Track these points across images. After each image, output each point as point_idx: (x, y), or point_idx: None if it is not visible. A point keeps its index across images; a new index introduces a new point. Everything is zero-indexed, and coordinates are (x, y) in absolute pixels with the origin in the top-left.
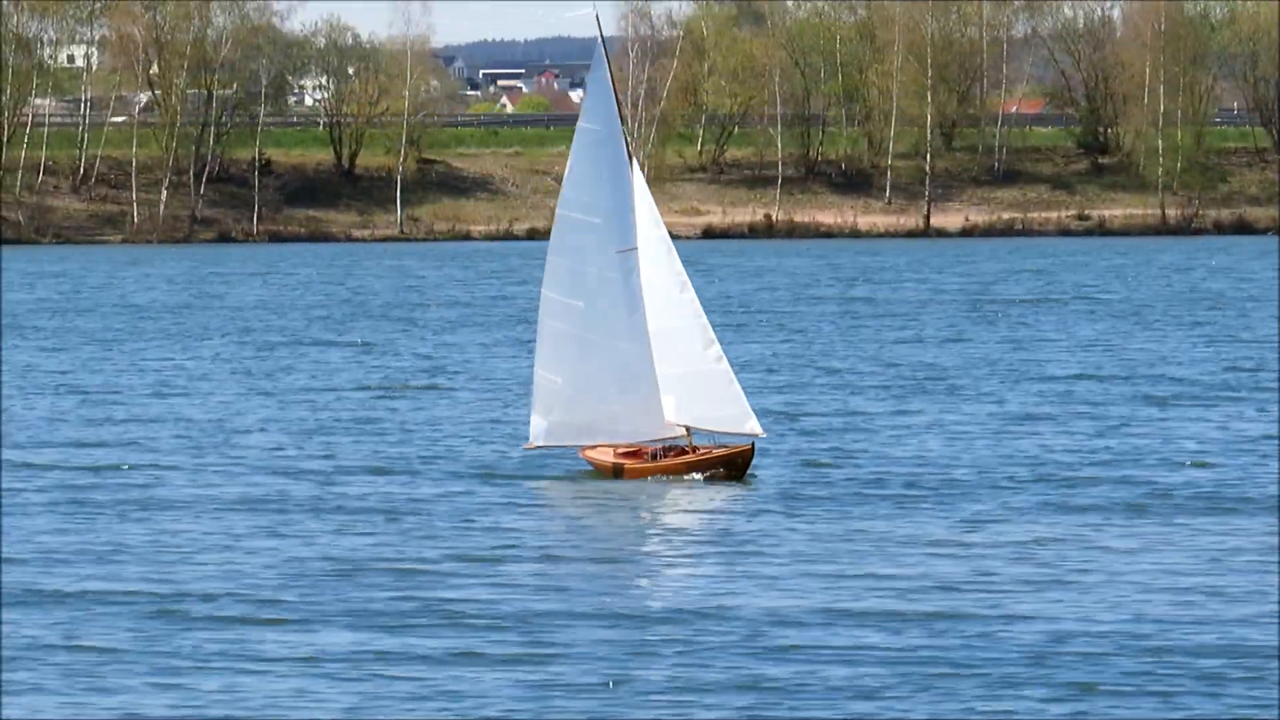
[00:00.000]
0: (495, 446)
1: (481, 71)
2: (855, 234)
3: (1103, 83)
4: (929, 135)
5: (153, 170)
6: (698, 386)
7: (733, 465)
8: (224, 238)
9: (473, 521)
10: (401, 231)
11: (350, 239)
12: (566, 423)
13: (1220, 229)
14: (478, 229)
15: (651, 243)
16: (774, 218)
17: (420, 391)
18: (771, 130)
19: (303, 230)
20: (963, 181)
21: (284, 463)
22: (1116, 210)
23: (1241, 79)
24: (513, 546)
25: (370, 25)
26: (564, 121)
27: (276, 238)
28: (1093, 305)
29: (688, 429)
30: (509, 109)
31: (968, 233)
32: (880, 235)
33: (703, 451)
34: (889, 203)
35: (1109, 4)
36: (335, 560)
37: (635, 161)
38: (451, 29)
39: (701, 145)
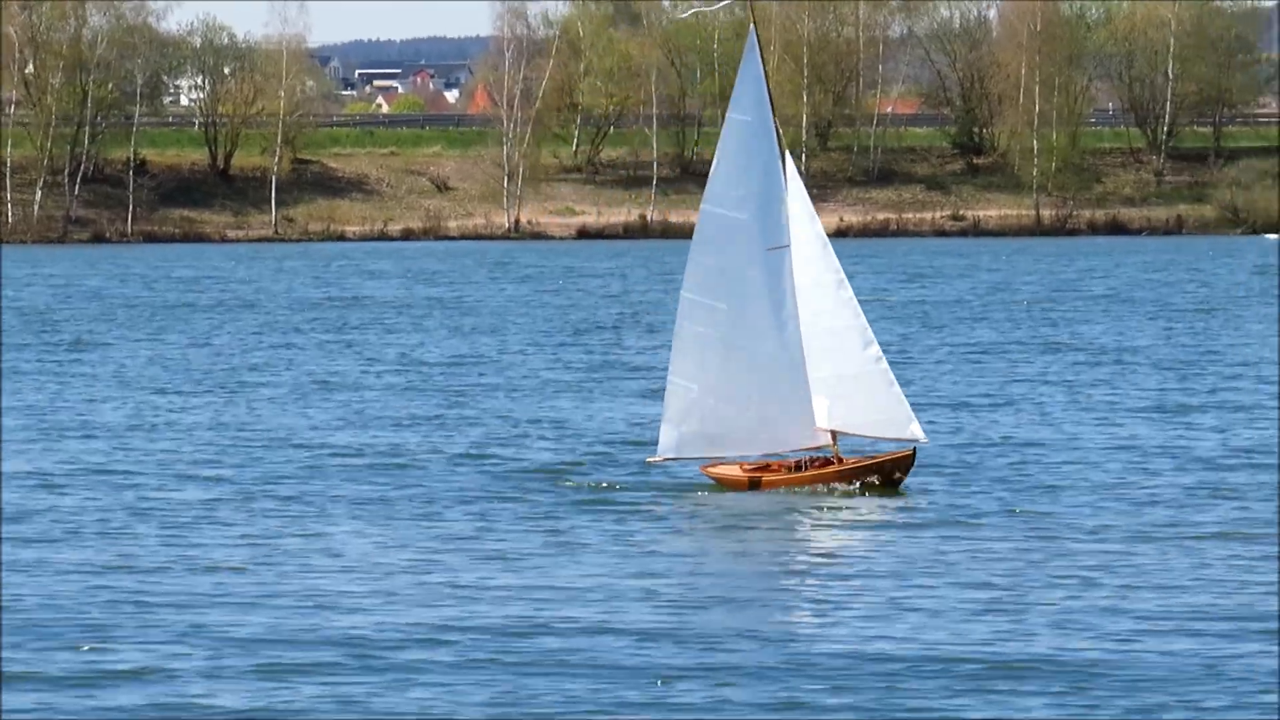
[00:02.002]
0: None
1: (357, 71)
2: None
3: (978, 83)
4: (804, 135)
5: (27, 170)
6: (855, 389)
7: (892, 472)
8: (98, 238)
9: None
10: (276, 232)
11: (225, 240)
12: (700, 433)
13: (1094, 229)
14: (352, 229)
15: (806, 240)
16: (649, 218)
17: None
18: (647, 130)
19: (177, 231)
20: (838, 182)
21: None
22: (991, 211)
23: (1117, 79)
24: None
25: (246, 25)
26: (439, 121)
27: (151, 238)
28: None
29: (834, 435)
30: (384, 109)
31: (842, 233)
32: None
33: (851, 462)
34: None
35: (985, 4)
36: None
37: (789, 156)
38: (327, 29)
39: (577, 145)
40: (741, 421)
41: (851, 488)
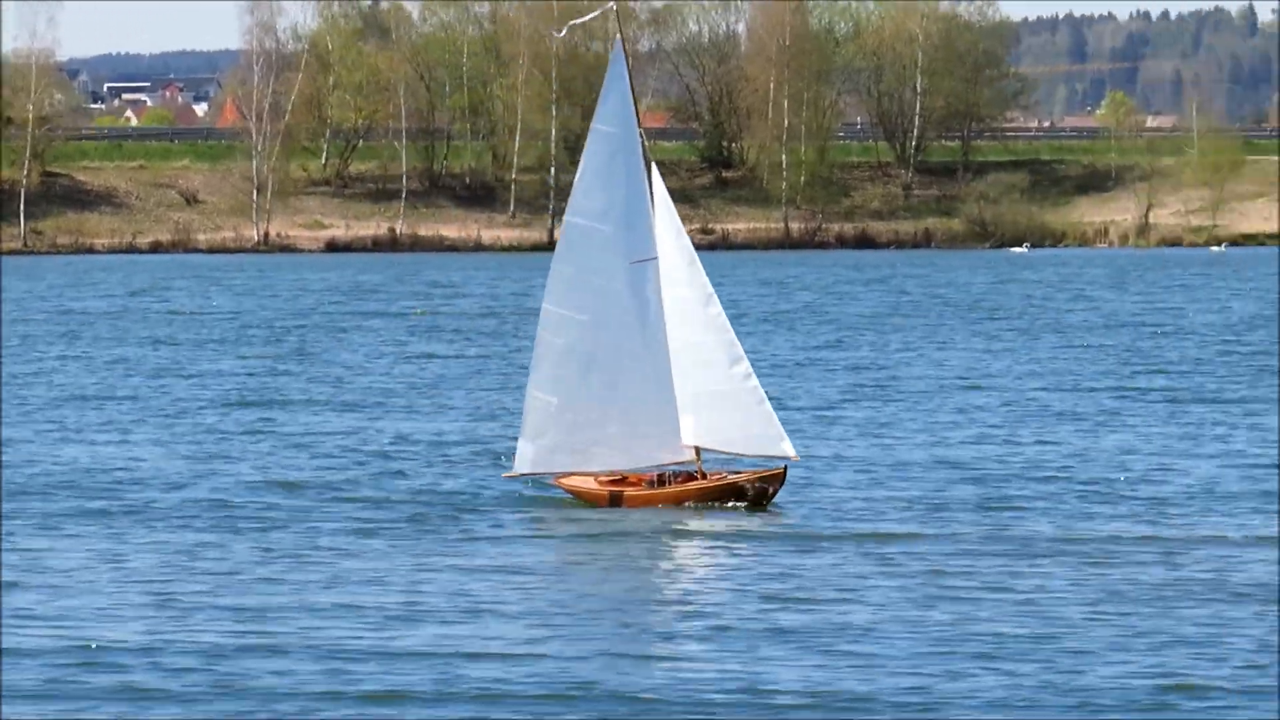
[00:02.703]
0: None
1: (106, 85)
2: (479, 247)
3: (727, 97)
4: (553, 149)
5: None
6: (723, 405)
7: (762, 490)
8: None
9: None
10: (25, 245)
11: None
12: (560, 446)
13: (843, 243)
14: (101, 242)
15: (673, 254)
16: (398, 231)
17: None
18: (396, 144)
19: None
20: None
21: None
22: (740, 224)
23: (865, 94)
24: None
25: None
26: (187, 135)
27: None
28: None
29: (697, 451)
30: (134, 122)
31: None
32: (504, 249)
33: (715, 477)
34: (513, 216)
35: (734, 18)
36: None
37: (655, 167)
38: (77, 42)
39: (326, 159)
40: (603, 435)
41: (719, 505)
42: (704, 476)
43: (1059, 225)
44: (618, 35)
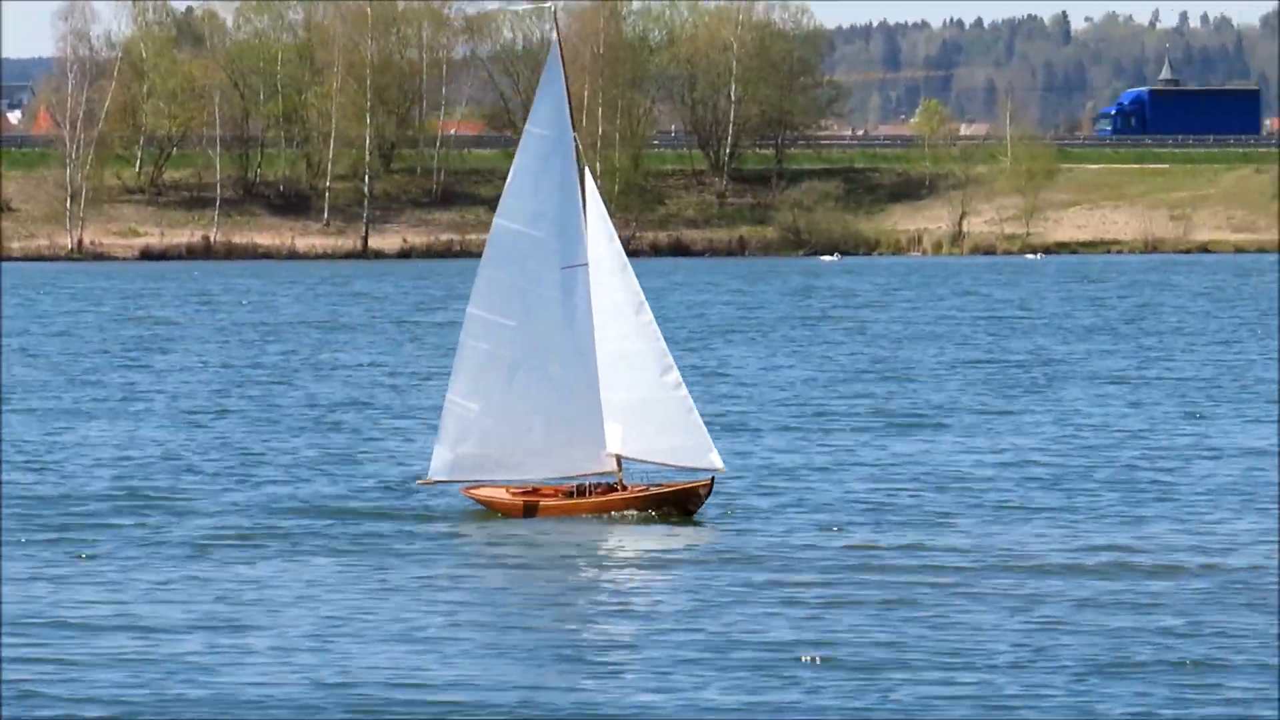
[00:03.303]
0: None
1: None
2: (294, 255)
3: None
4: (368, 157)
5: None
6: (651, 415)
7: (687, 502)
8: None
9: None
10: None
11: None
12: (478, 455)
13: (657, 250)
14: None
15: (605, 260)
16: (212, 239)
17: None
18: (211, 151)
19: None
20: (401, 203)
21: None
22: None
23: (680, 102)
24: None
25: None
26: (1, 143)
27: None
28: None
29: (618, 461)
30: None
31: (405, 254)
32: (319, 257)
33: (636, 489)
34: (327, 224)
35: (548, 26)
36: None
37: (589, 172)
38: None
39: (140, 166)
40: (524, 444)
41: (642, 515)
42: (624, 488)
43: (873, 233)
44: (554, 37)
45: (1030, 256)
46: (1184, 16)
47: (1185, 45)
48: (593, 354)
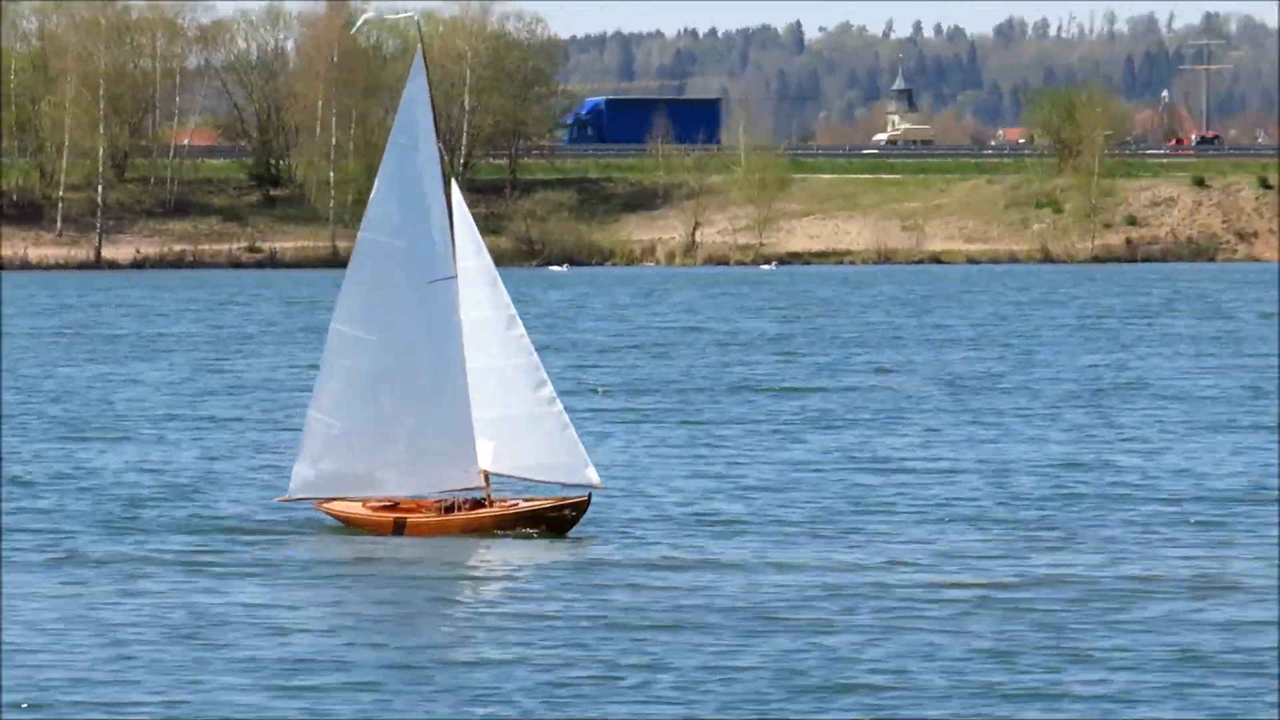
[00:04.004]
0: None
1: None
2: (26, 266)
3: (276, 115)
4: (101, 167)
5: None
6: (524, 431)
7: (561, 518)
8: None
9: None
10: None
11: None
12: (339, 471)
13: None
14: None
15: (473, 273)
16: None
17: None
18: None
19: None
20: (135, 213)
21: None
22: (289, 243)
23: None
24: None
25: None
26: None
27: None
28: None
29: (486, 477)
30: None
31: (139, 265)
32: (52, 267)
33: (505, 504)
34: (60, 234)
35: (283, 36)
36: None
37: (455, 182)
38: None
39: None
40: (387, 460)
41: (513, 533)
42: (491, 504)
43: (607, 243)
44: (419, 46)
45: (765, 267)
46: (918, 26)
47: (919, 55)
48: (461, 369)
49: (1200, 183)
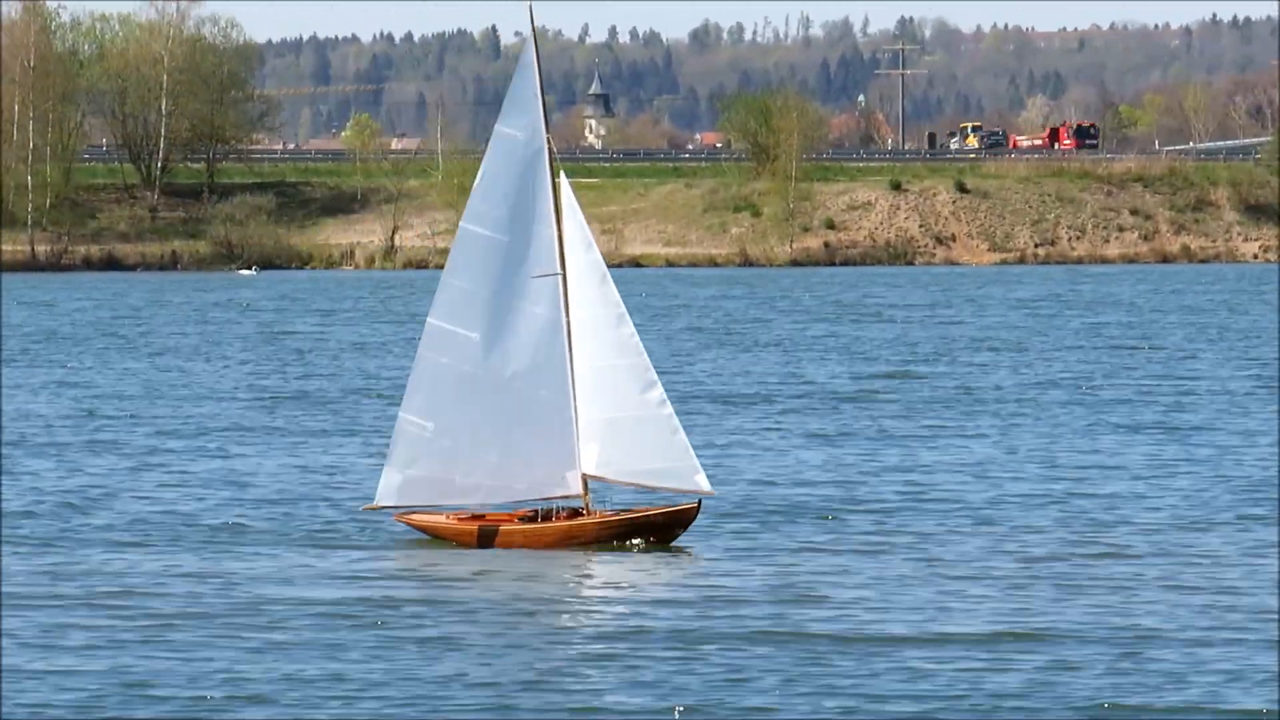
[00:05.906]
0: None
1: None
2: None
3: None
4: None
5: None
6: (632, 434)
7: (670, 527)
8: None
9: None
10: None
11: None
12: (431, 477)
13: (90, 265)
14: None
15: (582, 269)
16: None
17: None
18: None
19: None
20: None
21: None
22: None
23: (110, 115)
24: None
25: None
26: None
27: None
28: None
29: (585, 483)
30: None
31: None
32: None
33: (602, 515)
34: None
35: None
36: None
37: (564, 176)
38: None
39: None
40: (483, 466)
41: (617, 545)
42: (589, 512)
43: (306, 247)
44: (531, 35)
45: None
46: (613, 31)
47: (615, 60)
48: (565, 369)
49: (897, 186)
